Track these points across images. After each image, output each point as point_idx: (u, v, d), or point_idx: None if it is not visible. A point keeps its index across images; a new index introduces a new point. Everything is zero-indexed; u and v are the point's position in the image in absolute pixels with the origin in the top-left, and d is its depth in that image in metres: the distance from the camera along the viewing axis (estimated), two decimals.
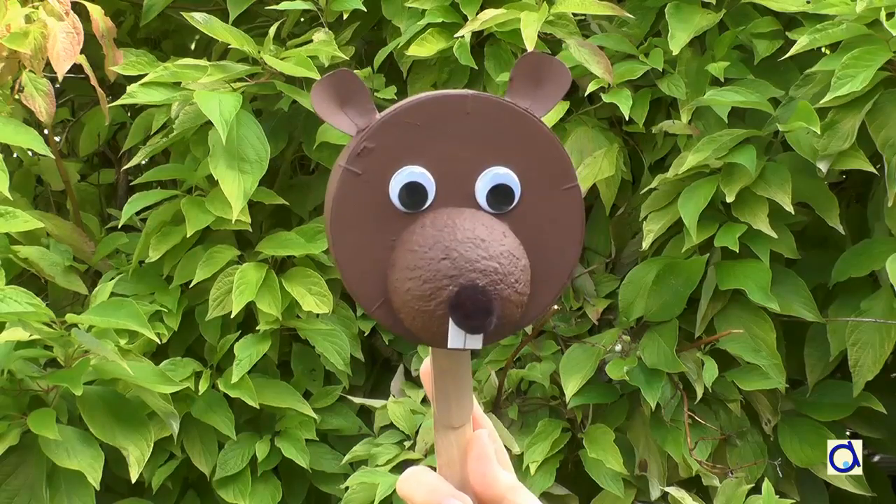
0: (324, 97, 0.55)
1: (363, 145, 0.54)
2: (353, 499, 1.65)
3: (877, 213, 1.69)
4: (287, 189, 1.99)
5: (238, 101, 1.65)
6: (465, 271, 0.51)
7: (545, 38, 1.77)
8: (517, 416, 1.74)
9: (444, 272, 0.51)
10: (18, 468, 1.56)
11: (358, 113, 0.55)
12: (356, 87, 0.55)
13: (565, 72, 0.56)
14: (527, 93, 0.55)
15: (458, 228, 0.53)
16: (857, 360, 1.62)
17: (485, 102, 0.55)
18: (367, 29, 2.04)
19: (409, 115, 0.54)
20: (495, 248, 0.52)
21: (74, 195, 2.01)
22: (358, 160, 0.54)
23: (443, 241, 0.52)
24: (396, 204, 0.54)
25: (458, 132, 0.55)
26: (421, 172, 0.54)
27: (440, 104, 0.55)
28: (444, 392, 0.57)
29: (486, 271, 0.51)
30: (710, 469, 1.64)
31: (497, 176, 0.55)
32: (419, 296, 0.52)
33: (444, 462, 0.58)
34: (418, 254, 0.52)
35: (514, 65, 0.56)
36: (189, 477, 1.88)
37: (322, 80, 0.55)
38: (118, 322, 1.51)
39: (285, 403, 1.82)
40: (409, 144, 0.54)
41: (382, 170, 0.54)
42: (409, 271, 0.52)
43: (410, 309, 0.53)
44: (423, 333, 0.53)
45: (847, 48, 1.54)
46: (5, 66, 1.68)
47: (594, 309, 1.80)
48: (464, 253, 0.52)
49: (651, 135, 1.79)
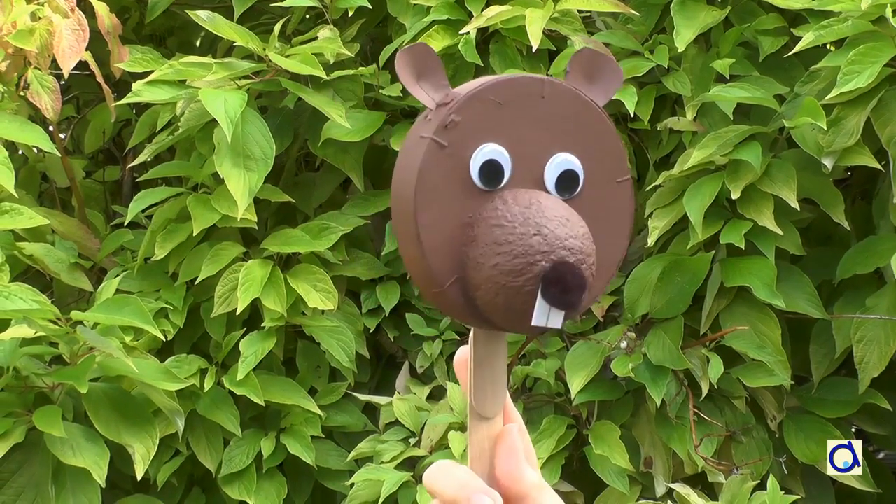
0: (405, 68, 0.55)
1: (451, 118, 0.54)
2: (358, 495, 1.65)
3: (882, 210, 1.69)
4: (292, 186, 1.99)
5: (243, 98, 1.65)
6: (556, 248, 0.51)
7: (550, 35, 1.77)
8: (522, 412, 1.74)
9: (537, 247, 0.51)
10: (24, 466, 1.57)
11: (432, 87, 0.55)
12: (432, 61, 0.55)
13: (617, 69, 0.57)
14: (581, 87, 0.56)
15: (545, 207, 0.53)
16: (863, 357, 1.62)
17: (559, 89, 0.55)
18: (373, 26, 2.04)
19: (493, 93, 0.55)
20: (579, 229, 0.53)
21: (80, 192, 2.02)
22: (445, 132, 0.54)
23: (533, 217, 0.52)
24: (476, 180, 0.54)
25: (534, 115, 0.55)
26: (500, 150, 0.54)
27: (521, 85, 0.55)
28: (481, 381, 0.57)
29: (574, 249, 0.52)
30: (715, 466, 1.64)
31: (565, 162, 0.55)
32: (509, 270, 0.52)
33: (476, 454, 0.57)
34: (507, 228, 0.52)
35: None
36: (194, 474, 1.89)
37: (402, 52, 0.55)
38: (123, 319, 1.51)
39: (290, 400, 1.82)
40: (492, 122, 0.54)
41: (466, 144, 0.54)
42: (498, 246, 0.52)
43: (495, 285, 0.52)
44: (504, 312, 0.53)
45: (852, 45, 1.54)
46: (11, 63, 1.68)
47: (599, 306, 1.79)
48: (554, 230, 0.52)
49: (656, 131, 1.79)
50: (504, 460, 0.56)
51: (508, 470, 0.56)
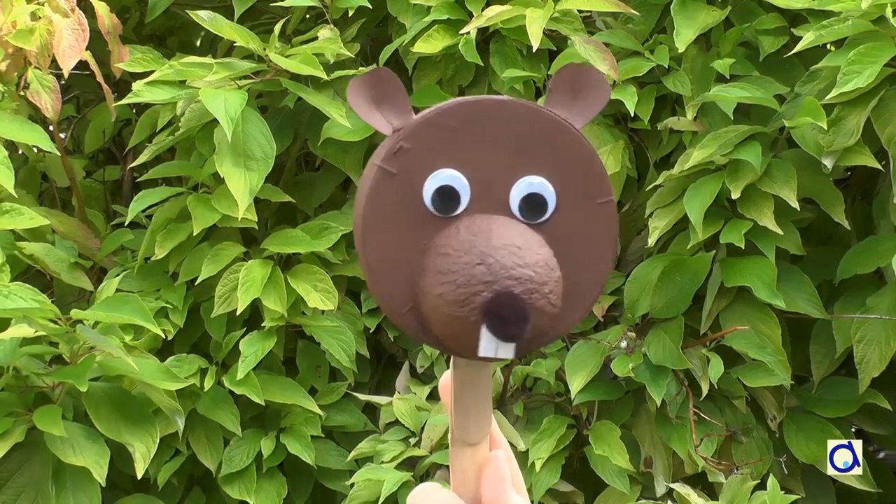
0: (361, 95, 0.54)
1: (400, 144, 0.53)
2: (358, 495, 1.65)
3: (882, 210, 1.69)
4: (292, 186, 1.99)
5: (243, 98, 1.65)
6: (500, 277, 0.50)
7: (550, 35, 1.77)
8: (522, 412, 1.74)
9: (480, 277, 0.50)
10: (24, 465, 1.56)
11: (394, 112, 0.53)
12: (393, 86, 0.54)
13: (605, 84, 0.55)
14: (565, 103, 0.54)
15: (494, 234, 0.51)
16: (863, 357, 1.62)
17: (524, 109, 0.53)
18: (373, 26, 2.04)
19: (447, 117, 0.53)
20: (531, 257, 0.51)
21: (80, 192, 2.01)
22: (394, 159, 0.52)
23: (478, 245, 0.51)
24: (429, 207, 0.52)
25: (496, 138, 0.53)
26: (456, 176, 0.53)
27: (479, 108, 0.53)
28: (463, 406, 0.56)
29: (522, 279, 0.50)
30: (715, 465, 1.64)
31: (532, 185, 0.53)
32: (452, 301, 0.50)
33: (459, 479, 0.56)
34: (452, 258, 0.51)
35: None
36: (194, 473, 1.89)
37: (358, 78, 0.54)
38: (123, 317, 1.51)
39: (291, 400, 1.82)
40: (446, 147, 0.53)
41: (417, 171, 0.53)
42: (443, 275, 0.51)
43: (442, 315, 0.51)
44: (454, 341, 0.52)
45: (852, 44, 1.54)
46: (11, 63, 1.68)
47: (599, 305, 1.80)
48: (500, 259, 0.50)
49: (656, 131, 1.79)
50: (490, 487, 0.55)
51: (495, 496, 0.55)
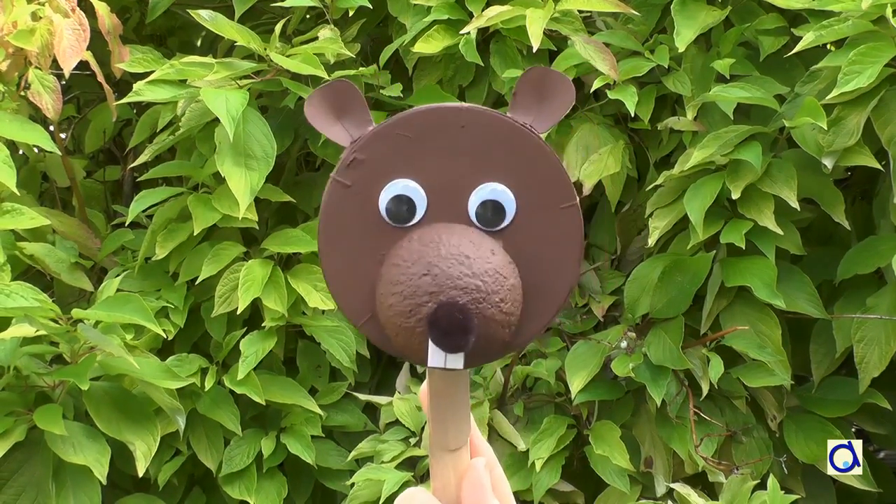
0: (320, 108, 0.54)
1: (353, 156, 0.53)
2: (358, 495, 1.65)
3: (882, 210, 1.69)
4: (292, 186, 1.99)
5: (245, 98, 1.65)
6: (445, 288, 0.50)
7: (551, 35, 1.77)
8: (523, 412, 1.74)
9: (425, 288, 0.50)
10: (24, 464, 1.56)
11: (355, 124, 0.54)
12: (353, 98, 0.54)
13: (569, 87, 0.55)
14: (530, 107, 0.54)
15: (442, 244, 0.51)
16: (863, 357, 1.62)
17: (480, 116, 0.53)
18: (373, 26, 2.04)
19: (401, 127, 0.53)
20: (480, 266, 0.51)
21: (80, 192, 2.01)
22: (348, 171, 0.53)
23: (426, 256, 0.51)
24: (386, 217, 0.53)
25: (453, 146, 0.53)
26: (411, 186, 0.53)
27: (434, 116, 0.53)
28: (440, 413, 0.56)
29: (468, 289, 0.50)
30: (715, 465, 1.64)
31: (490, 192, 0.53)
32: (400, 312, 0.51)
33: (440, 486, 0.57)
34: (401, 268, 0.51)
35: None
36: (195, 473, 1.89)
37: (318, 90, 0.54)
38: (125, 317, 1.51)
39: (291, 400, 1.82)
40: (401, 157, 0.53)
41: (372, 182, 0.53)
42: (392, 286, 0.51)
43: (393, 325, 0.52)
44: (407, 350, 0.52)
45: (853, 45, 1.54)
46: (12, 63, 1.68)
47: (599, 305, 1.80)
48: (446, 269, 0.50)
49: (656, 131, 1.79)
50: (470, 495, 0.56)
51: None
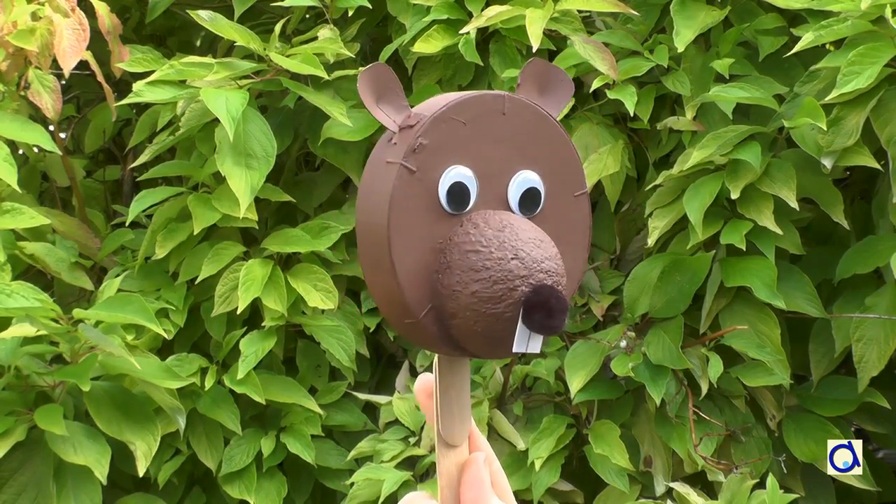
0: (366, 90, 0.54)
1: (419, 141, 0.52)
2: (358, 495, 1.65)
3: (881, 210, 1.69)
4: (292, 185, 1.99)
5: (245, 98, 1.65)
6: (534, 271, 0.50)
7: (550, 35, 1.77)
8: (522, 412, 1.74)
9: (516, 272, 0.50)
10: (25, 464, 1.57)
11: (393, 108, 0.53)
12: (390, 81, 0.54)
13: (568, 81, 0.56)
14: (532, 100, 0.55)
15: (518, 229, 0.52)
16: (862, 356, 1.62)
17: (518, 104, 0.54)
18: (373, 26, 2.04)
19: (458, 112, 0.53)
20: (552, 250, 0.52)
21: (80, 192, 2.02)
22: (413, 157, 0.52)
23: (508, 241, 0.51)
24: (444, 204, 0.53)
25: (496, 133, 0.54)
26: (466, 172, 0.53)
27: (483, 103, 0.54)
28: (448, 408, 0.56)
29: (550, 272, 0.51)
30: (715, 465, 1.64)
31: (527, 180, 0.54)
32: (488, 297, 0.50)
33: (445, 483, 0.57)
34: (483, 254, 0.51)
35: (520, 65, 0.55)
36: (195, 473, 1.89)
37: (363, 73, 0.54)
38: (126, 317, 1.51)
39: (291, 399, 1.82)
40: (457, 143, 0.53)
41: (434, 168, 0.52)
42: (475, 273, 0.51)
43: (474, 312, 0.51)
44: (481, 340, 0.52)
45: (852, 45, 1.54)
46: (12, 63, 1.68)
47: (599, 305, 1.80)
48: (530, 253, 0.51)
49: (656, 131, 1.79)
50: (468, 491, 0.56)
51: (474, 500, 0.56)
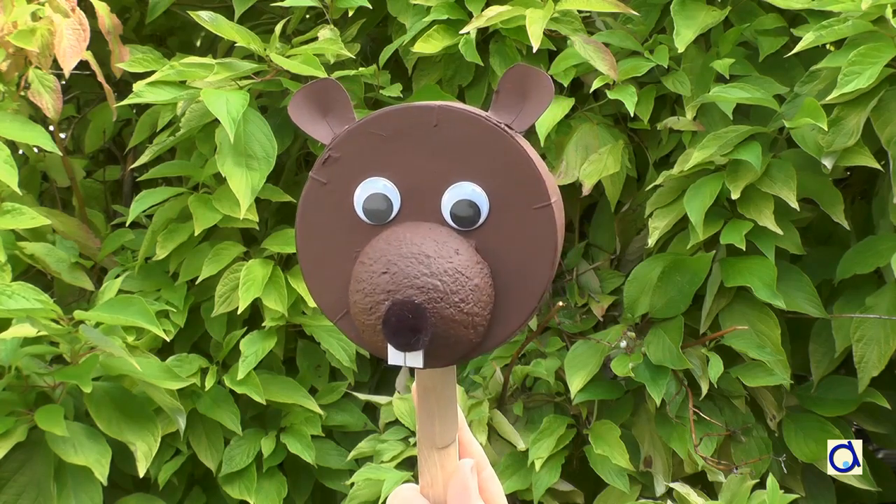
0: (305, 106, 0.54)
1: (328, 154, 0.53)
2: (358, 495, 1.65)
3: (881, 210, 1.69)
4: (292, 186, 1.99)
5: (245, 99, 1.65)
6: (402, 287, 0.50)
7: (550, 35, 1.77)
8: (522, 412, 1.74)
9: (383, 286, 0.50)
10: (25, 464, 1.57)
11: (338, 123, 0.54)
12: (338, 96, 0.54)
13: (549, 85, 0.55)
14: (513, 106, 0.54)
15: (405, 243, 0.51)
16: (863, 357, 1.62)
17: (453, 115, 0.53)
18: (373, 26, 2.04)
19: (376, 126, 0.53)
20: (440, 266, 0.51)
21: (80, 192, 2.02)
22: (323, 169, 0.53)
23: (387, 255, 0.51)
24: (361, 215, 0.53)
25: (426, 145, 0.53)
26: (386, 184, 0.53)
27: (407, 115, 0.54)
28: (427, 411, 0.57)
29: (425, 288, 0.50)
30: (715, 465, 1.64)
31: (463, 191, 0.53)
32: (362, 309, 0.51)
33: (427, 482, 0.57)
34: (365, 266, 0.52)
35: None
36: (195, 473, 1.89)
37: (303, 88, 0.54)
38: (127, 319, 1.51)
39: (291, 399, 1.82)
40: (375, 155, 0.53)
41: (348, 180, 0.53)
42: (356, 283, 0.52)
43: (359, 322, 0.52)
44: (373, 347, 0.53)
45: (852, 45, 1.54)
46: (12, 63, 1.68)
47: (599, 305, 1.80)
48: (404, 268, 0.50)
49: (656, 131, 1.79)
50: (455, 497, 0.56)
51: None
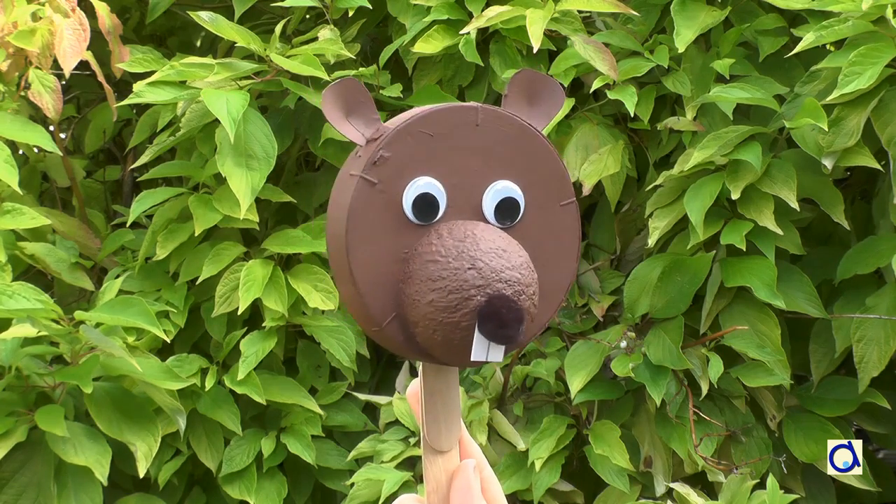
0: (332, 106, 0.55)
1: (379, 154, 0.53)
2: (358, 495, 1.65)
3: (882, 210, 1.69)
4: (293, 186, 1.99)
5: (245, 99, 1.65)
6: (491, 281, 0.50)
7: (550, 36, 1.77)
8: (522, 412, 1.74)
9: (472, 282, 0.50)
10: (25, 465, 1.57)
11: (363, 122, 0.54)
12: (361, 95, 0.55)
13: (559, 90, 0.56)
14: (521, 110, 0.55)
15: (480, 239, 0.52)
16: (863, 357, 1.62)
17: (493, 115, 0.54)
18: (373, 26, 2.04)
19: (423, 125, 0.54)
20: (516, 259, 0.52)
21: (80, 192, 2.02)
22: (374, 169, 0.53)
23: (467, 251, 0.51)
24: (409, 215, 0.53)
25: (468, 144, 0.54)
26: (433, 183, 0.54)
27: (452, 115, 0.54)
28: (433, 414, 0.57)
29: (511, 281, 0.51)
30: (715, 465, 1.64)
31: (504, 190, 0.54)
32: (444, 307, 0.51)
33: (432, 488, 0.57)
34: (441, 264, 0.52)
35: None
36: (195, 473, 1.89)
37: (329, 88, 0.55)
38: (128, 320, 1.51)
39: (291, 399, 1.82)
40: (423, 155, 0.54)
41: (397, 180, 0.53)
42: (433, 282, 0.51)
43: (431, 322, 0.51)
44: (441, 348, 0.52)
45: (852, 45, 1.54)
46: (12, 63, 1.68)
47: (599, 305, 1.80)
48: (489, 263, 0.51)
49: (656, 132, 1.79)
50: (458, 498, 0.56)
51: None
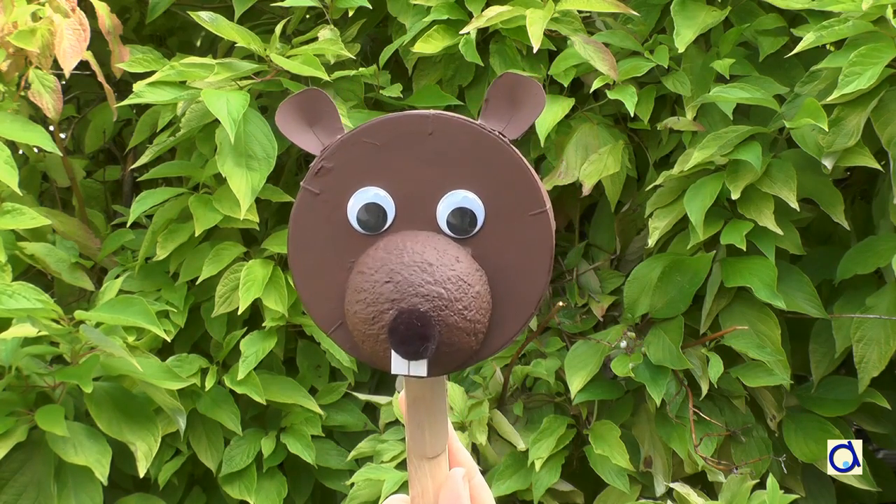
0: (292, 116, 0.54)
1: (321, 164, 0.53)
2: (358, 495, 1.65)
3: (882, 210, 1.69)
4: (292, 186, 1.99)
5: (245, 99, 1.65)
6: (407, 295, 0.50)
7: (550, 35, 1.77)
8: (522, 412, 1.74)
9: (387, 296, 0.50)
10: (26, 464, 1.56)
11: (326, 133, 0.54)
12: (325, 106, 0.54)
13: (540, 93, 0.55)
14: (503, 114, 0.54)
15: (406, 251, 0.51)
16: (863, 357, 1.62)
17: (447, 123, 0.53)
18: (373, 26, 2.04)
19: (369, 135, 0.53)
20: (442, 273, 0.51)
21: (80, 192, 2.02)
22: (316, 179, 0.53)
23: (389, 264, 0.51)
24: (355, 225, 0.53)
25: (420, 153, 0.53)
26: (380, 194, 0.53)
27: (401, 124, 0.53)
28: (416, 420, 0.57)
29: (430, 296, 0.50)
30: (715, 465, 1.64)
31: (459, 199, 0.53)
32: (364, 319, 0.51)
33: (417, 493, 0.57)
34: (365, 276, 0.51)
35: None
36: (195, 473, 1.89)
37: (290, 98, 0.54)
38: (128, 319, 1.51)
39: (291, 399, 1.82)
40: (369, 165, 0.53)
41: (341, 190, 0.53)
42: (356, 294, 0.51)
43: (358, 332, 0.52)
44: (373, 358, 0.52)
45: (853, 45, 1.54)
46: (12, 63, 1.68)
47: (599, 305, 1.80)
48: (408, 277, 0.50)
49: (656, 132, 1.79)
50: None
51: None
